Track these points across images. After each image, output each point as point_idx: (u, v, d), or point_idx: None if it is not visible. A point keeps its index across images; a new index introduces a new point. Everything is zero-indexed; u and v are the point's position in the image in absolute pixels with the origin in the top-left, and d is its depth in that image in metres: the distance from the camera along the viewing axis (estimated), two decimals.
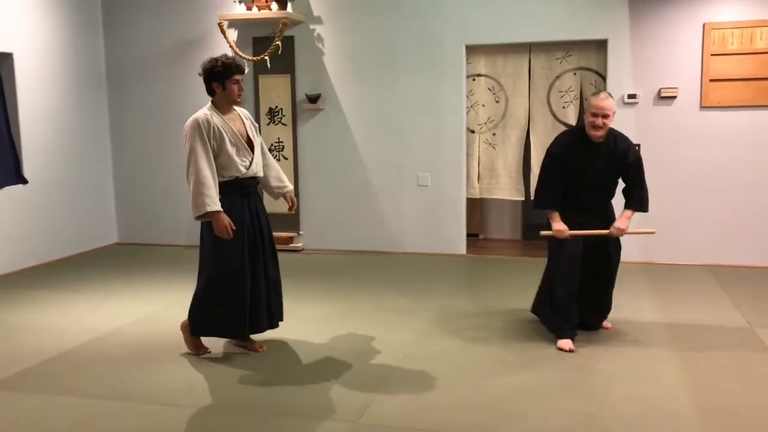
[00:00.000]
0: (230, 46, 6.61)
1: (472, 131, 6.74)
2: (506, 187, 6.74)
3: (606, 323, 4.39)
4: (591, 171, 4.09)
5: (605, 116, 3.94)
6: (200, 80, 3.99)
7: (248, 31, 6.88)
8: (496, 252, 6.97)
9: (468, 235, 7.01)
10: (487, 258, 6.69)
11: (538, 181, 4.31)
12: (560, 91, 6.46)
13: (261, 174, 4.08)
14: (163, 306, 5.04)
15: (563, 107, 6.47)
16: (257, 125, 4.16)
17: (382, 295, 5.31)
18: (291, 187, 4.32)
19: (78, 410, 3.31)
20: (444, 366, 3.78)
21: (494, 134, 6.70)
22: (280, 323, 4.20)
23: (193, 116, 3.84)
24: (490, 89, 6.65)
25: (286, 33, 6.61)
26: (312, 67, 6.82)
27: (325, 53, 6.78)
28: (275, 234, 6.84)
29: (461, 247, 6.75)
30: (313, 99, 6.76)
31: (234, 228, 3.80)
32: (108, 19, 7.27)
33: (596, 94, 4.03)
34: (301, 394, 3.47)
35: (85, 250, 7.07)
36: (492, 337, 4.25)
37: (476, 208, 7.53)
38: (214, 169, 3.79)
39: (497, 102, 6.65)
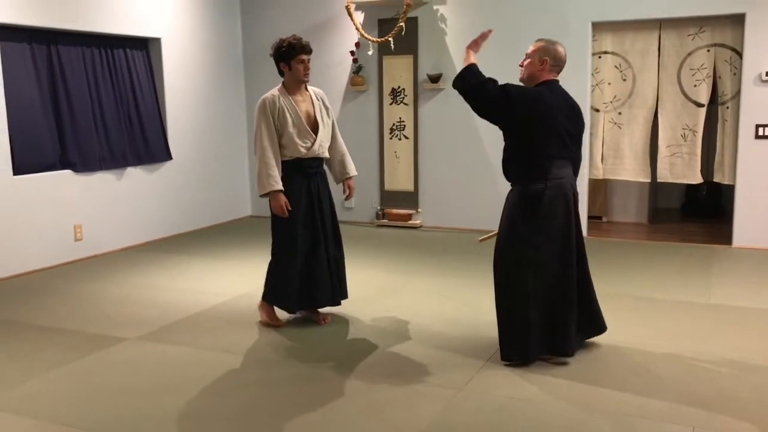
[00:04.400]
0: (356, 29, 6.85)
1: (597, 110, 6.60)
2: (632, 168, 6.55)
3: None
4: None
5: (525, 57, 3.57)
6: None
7: (374, 13, 7.09)
8: (620, 235, 6.81)
9: (590, 217, 6.90)
10: (611, 241, 6.55)
11: None
12: (692, 69, 6.18)
13: (325, 155, 4.14)
14: None
15: (695, 86, 6.19)
16: (329, 107, 4.21)
17: None
18: (353, 173, 4.30)
19: (209, 362, 3.67)
20: None
21: (620, 113, 6.52)
22: (342, 301, 4.26)
23: (263, 96, 4.03)
24: (616, 67, 6.48)
25: (410, 14, 6.75)
26: (434, 47, 6.93)
27: (447, 33, 6.87)
28: (395, 211, 7.21)
29: (582, 229, 6.64)
30: (435, 79, 6.87)
31: (290, 209, 3.95)
32: (245, 4, 7.73)
33: None
34: (409, 359, 3.64)
35: (222, 221, 7.62)
36: (607, 320, 4.22)
37: (600, 189, 7.37)
38: (277, 148, 3.95)
39: (624, 80, 6.46)
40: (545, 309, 3.47)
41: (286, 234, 4.05)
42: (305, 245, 4.07)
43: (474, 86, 3.48)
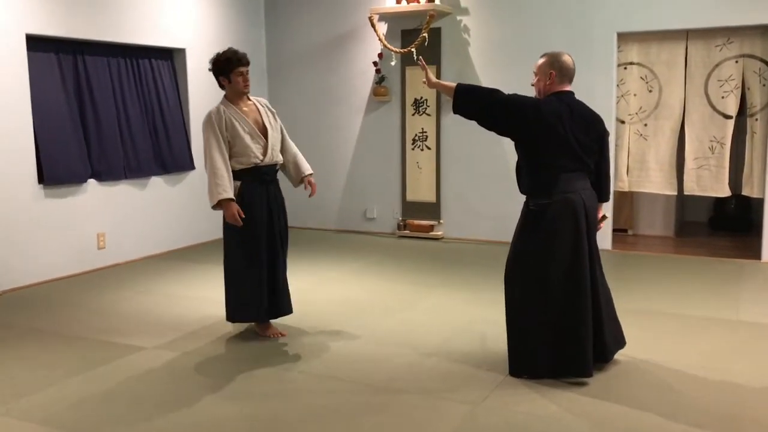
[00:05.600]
0: (379, 39, 6.85)
1: (622, 122, 6.51)
2: (657, 181, 6.45)
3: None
4: None
5: (534, 76, 3.51)
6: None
7: (397, 24, 7.08)
8: (645, 248, 6.69)
9: (615, 230, 6.79)
10: (636, 254, 6.44)
11: None
12: (719, 80, 6.07)
13: (279, 160, 4.16)
14: (310, 284, 5.37)
15: (722, 97, 6.08)
16: (274, 111, 4.22)
17: None
18: (309, 171, 4.30)
19: (228, 372, 3.65)
20: None
21: (646, 125, 6.43)
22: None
23: (209, 110, 4.01)
24: (642, 78, 6.39)
25: (433, 25, 6.74)
26: (457, 58, 6.90)
27: (470, 44, 6.84)
28: (417, 222, 7.17)
29: (606, 242, 6.55)
30: None
31: (243, 216, 3.91)
32: (269, 15, 7.79)
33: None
34: (426, 373, 3.60)
35: None
36: (629, 335, 4.13)
37: (625, 201, 7.27)
38: (227, 159, 3.93)
39: (650, 91, 6.37)
40: (556, 325, 3.38)
41: (249, 245, 4.02)
42: (268, 254, 4.06)
43: (476, 111, 3.44)
